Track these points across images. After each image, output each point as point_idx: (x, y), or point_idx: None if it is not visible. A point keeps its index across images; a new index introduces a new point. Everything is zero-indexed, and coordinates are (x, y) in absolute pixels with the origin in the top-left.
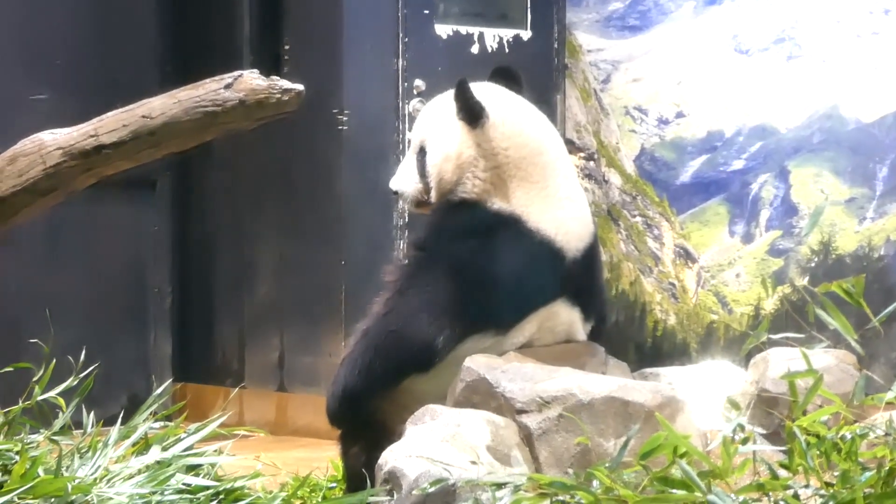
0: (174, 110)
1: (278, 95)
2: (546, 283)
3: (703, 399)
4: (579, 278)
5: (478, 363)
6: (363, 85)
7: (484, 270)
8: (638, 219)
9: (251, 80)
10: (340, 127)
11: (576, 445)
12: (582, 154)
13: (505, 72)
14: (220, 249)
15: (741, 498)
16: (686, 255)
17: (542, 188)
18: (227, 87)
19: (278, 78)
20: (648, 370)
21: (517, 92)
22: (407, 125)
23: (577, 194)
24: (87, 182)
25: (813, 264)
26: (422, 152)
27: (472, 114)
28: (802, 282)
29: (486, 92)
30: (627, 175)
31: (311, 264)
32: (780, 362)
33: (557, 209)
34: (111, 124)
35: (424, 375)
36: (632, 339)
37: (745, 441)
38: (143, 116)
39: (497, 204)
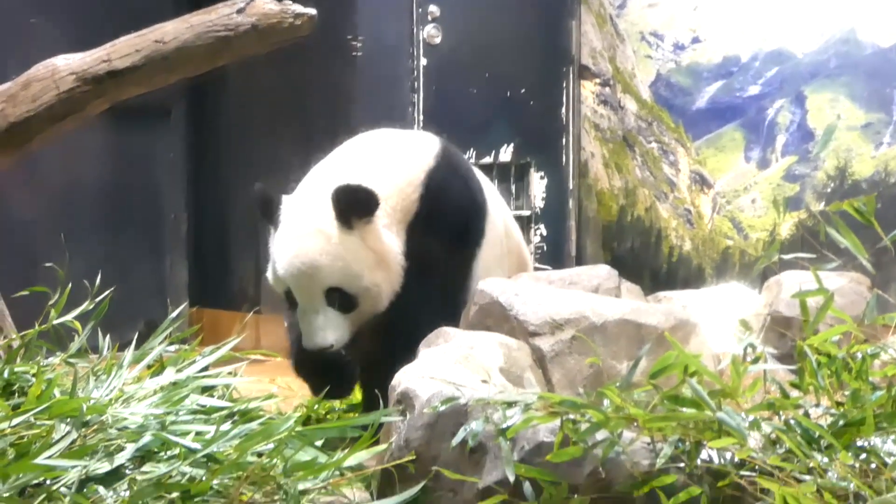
0: (187, 35)
1: (291, 20)
2: None
3: (717, 321)
4: None
5: (491, 286)
6: (377, 11)
7: None
8: (653, 145)
9: (263, 4)
10: (355, 53)
11: (588, 367)
12: (597, 80)
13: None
14: (236, 176)
15: (751, 417)
16: (702, 181)
17: None
18: (240, 11)
19: (291, 2)
20: (662, 294)
21: None
22: (421, 51)
23: None
24: (100, 107)
25: (829, 190)
26: (333, 294)
27: (369, 207)
28: (818, 207)
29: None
30: (643, 101)
31: None
32: (793, 285)
33: None
34: (124, 49)
35: None
36: (647, 264)
37: (755, 361)
38: (156, 41)
39: None
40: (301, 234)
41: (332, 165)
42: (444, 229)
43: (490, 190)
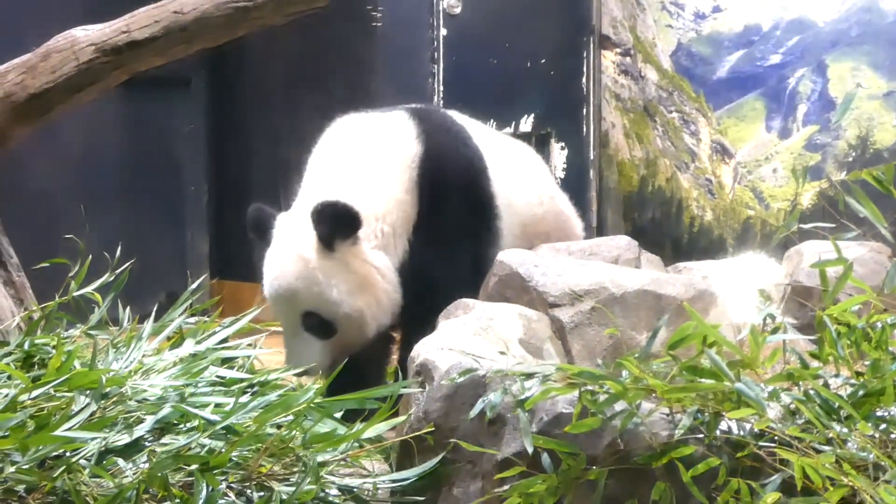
0: (205, 6)
1: None
2: None
3: (737, 292)
4: None
5: (511, 257)
6: None
7: None
8: (674, 115)
9: None
10: (375, 24)
11: (608, 338)
12: (618, 50)
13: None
14: (256, 147)
15: (770, 387)
16: (723, 151)
17: None
18: None
19: None
20: (682, 264)
21: None
22: (441, 21)
23: None
24: (119, 78)
25: (850, 159)
26: (310, 319)
27: (352, 227)
28: (840, 176)
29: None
30: (664, 70)
31: None
32: (813, 254)
33: None
34: (143, 20)
35: None
36: (668, 235)
37: (774, 331)
38: (175, 12)
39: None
40: (281, 257)
41: (322, 176)
42: (453, 210)
43: (499, 146)
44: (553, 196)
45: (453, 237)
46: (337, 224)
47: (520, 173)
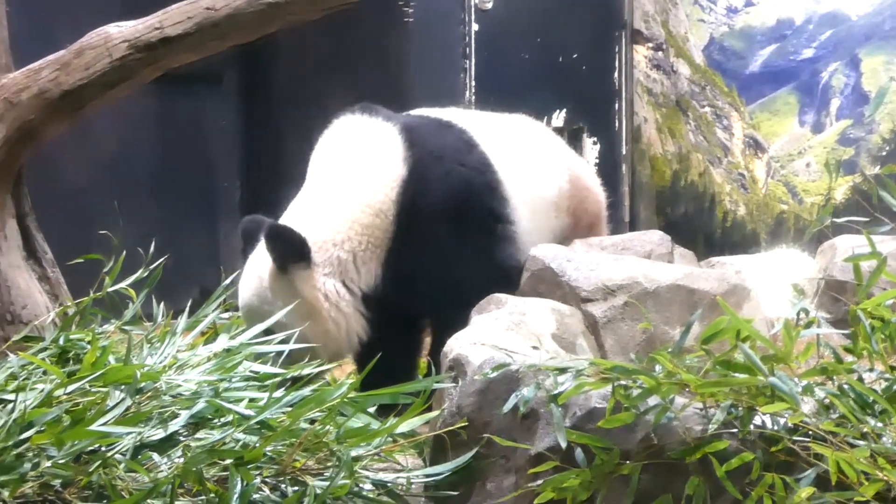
0: (238, 2)
1: None
2: None
3: (770, 286)
4: None
5: (543, 252)
6: None
7: None
8: (707, 109)
9: None
10: (406, 19)
11: (641, 333)
12: (650, 45)
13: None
14: (288, 143)
15: (804, 382)
16: (756, 146)
17: None
18: None
19: None
20: (715, 259)
21: None
22: (473, 16)
23: None
24: (152, 74)
25: (884, 153)
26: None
27: (299, 254)
28: (873, 170)
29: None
30: (696, 65)
31: None
32: (847, 249)
33: None
34: (176, 16)
35: None
36: (701, 230)
37: (808, 325)
38: (207, 8)
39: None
40: (246, 272)
41: (301, 192)
42: (444, 230)
43: (510, 137)
44: (572, 168)
45: (449, 259)
46: (285, 249)
47: (538, 160)
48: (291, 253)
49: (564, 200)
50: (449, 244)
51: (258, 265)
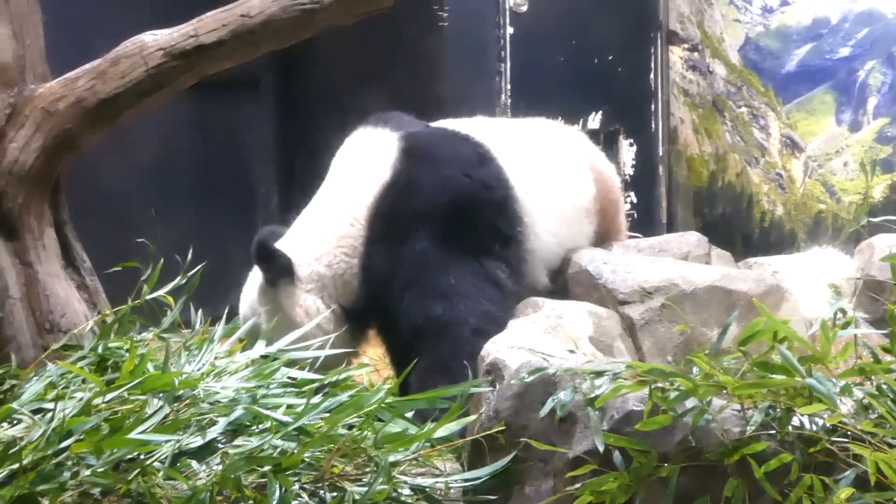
0: (272, 8)
1: None
2: None
3: (808, 287)
4: None
5: (580, 255)
6: None
7: None
8: (743, 109)
9: None
10: (441, 23)
11: (678, 335)
12: (685, 45)
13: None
14: (325, 148)
15: (842, 382)
16: (793, 145)
17: None
18: None
19: None
20: (752, 259)
21: None
22: (508, 19)
23: None
24: (188, 82)
25: None
26: None
27: (280, 270)
28: None
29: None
30: (732, 65)
31: None
32: (885, 248)
33: None
34: (211, 24)
35: None
36: (739, 230)
37: (846, 325)
38: (242, 15)
39: None
40: (246, 284)
41: (303, 211)
42: (424, 238)
43: (530, 145)
44: (594, 164)
45: (426, 272)
46: (269, 265)
47: (567, 169)
48: (276, 270)
49: (595, 203)
50: (427, 254)
51: (253, 277)
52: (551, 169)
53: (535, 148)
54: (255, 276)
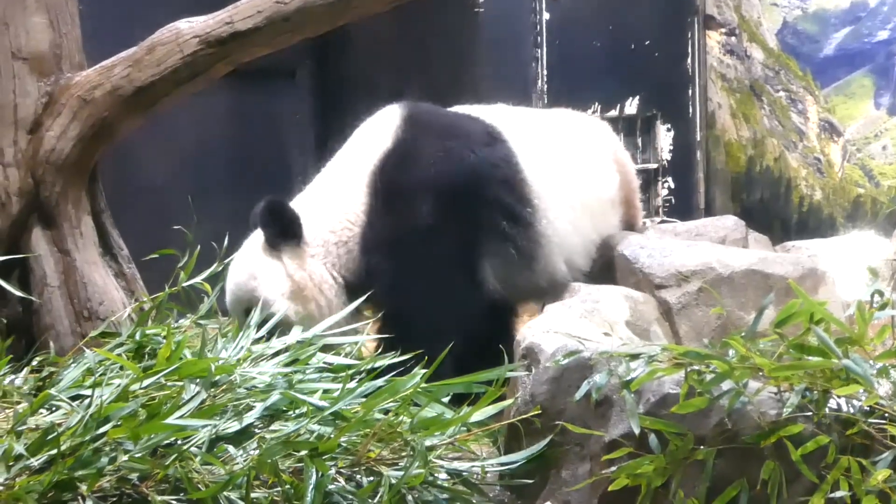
0: None
1: None
2: None
3: (846, 270)
4: None
5: (617, 240)
6: None
7: None
8: (781, 93)
9: None
10: (477, 10)
11: (715, 318)
12: (723, 30)
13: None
14: None
15: (879, 364)
16: (831, 129)
17: None
18: None
19: None
20: (790, 243)
21: None
22: (544, 5)
23: None
24: (224, 70)
25: None
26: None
27: (290, 229)
28: None
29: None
30: (770, 49)
31: None
32: None
33: None
34: (246, 11)
35: None
36: (777, 215)
37: (882, 307)
38: (277, 2)
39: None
40: (240, 251)
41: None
42: (422, 206)
43: (549, 135)
44: (616, 154)
45: (423, 240)
46: (278, 224)
47: (594, 162)
48: (283, 228)
49: (619, 192)
50: (426, 223)
51: (252, 243)
52: (573, 159)
53: (555, 137)
54: (252, 243)
